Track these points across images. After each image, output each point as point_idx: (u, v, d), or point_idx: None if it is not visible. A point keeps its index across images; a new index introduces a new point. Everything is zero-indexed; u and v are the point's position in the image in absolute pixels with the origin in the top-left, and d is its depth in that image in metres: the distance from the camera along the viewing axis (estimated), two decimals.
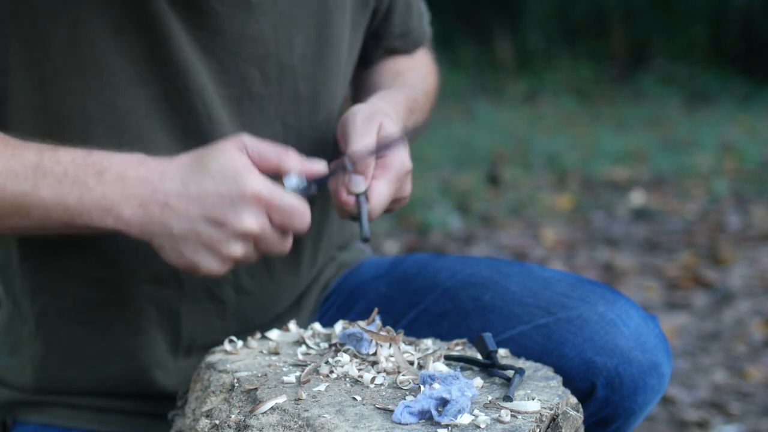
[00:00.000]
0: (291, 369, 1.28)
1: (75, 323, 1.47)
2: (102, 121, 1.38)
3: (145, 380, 1.49)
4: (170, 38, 1.37)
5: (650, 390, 1.44)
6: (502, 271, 1.55)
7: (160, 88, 1.39)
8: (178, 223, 1.26)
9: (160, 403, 1.49)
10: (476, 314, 1.51)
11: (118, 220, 1.27)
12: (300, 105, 1.51)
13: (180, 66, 1.39)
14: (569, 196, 5.48)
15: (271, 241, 1.29)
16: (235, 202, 1.25)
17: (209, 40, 1.41)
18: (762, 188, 5.64)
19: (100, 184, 1.27)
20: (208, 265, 1.27)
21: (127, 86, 1.37)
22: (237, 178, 1.25)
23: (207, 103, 1.42)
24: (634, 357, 1.42)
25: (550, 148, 6.62)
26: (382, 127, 1.40)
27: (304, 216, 1.29)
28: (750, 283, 4.10)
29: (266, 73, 1.46)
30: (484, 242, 4.67)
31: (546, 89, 9.08)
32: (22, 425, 1.52)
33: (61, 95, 1.36)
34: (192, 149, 1.33)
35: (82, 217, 1.28)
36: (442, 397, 1.14)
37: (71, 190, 1.27)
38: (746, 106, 8.22)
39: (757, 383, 3.14)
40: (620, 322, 1.44)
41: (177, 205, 1.26)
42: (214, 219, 1.25)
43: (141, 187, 1.27)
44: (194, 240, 1.26)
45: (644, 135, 7.12)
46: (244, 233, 1.26)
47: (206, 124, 1.42)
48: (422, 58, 1.79)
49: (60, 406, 1.51)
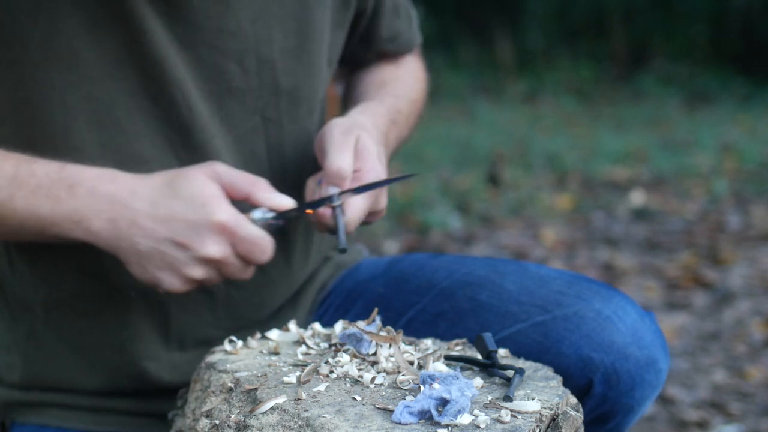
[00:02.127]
0: (291, 369, 1.28)
1: (73, 313, 1.48)
2: (83, 114, 1.39)
3: (137, 372, 1.49)
4: (147, 32, 1.38)
5: (647, 386, 1.45)
6: (498, 270, 1.55)
7: (139, 81, 1.40)
8: (143, 240, 1.31)
9: (158, 400, 1.49)
10: (473, 313, 1.51)
11: (86, 233, 1.32)
12: (280, 99, 1.52)
13: (157, 59, 1.40)
14: (569, 196, 5.49)
15: (232, 267, 1.35)
16: (201, 229, 1.31)
17: (187, 34, 1.42)
18: (762, 188, 5.64)
19: (72, 197, 1.31)
20: (170, 284, 1.33)
21: (106, 80, 1.39)
22: (206, 205, 1.31)
23: (186, 95, 1.43)
24: (630, 353, 1.43)
25: (550, 148, 6.63)
26: (359, 140, 1.43)
27: (266, 249, 1.35)
28: (750, 283, 4.11)
29: (245, 67, 1.47)
30: (484, 242, 4.68)
31: (546, 89, 9.09)
32: (20, 426, 1.52)
33: (42, 91, 1.38)
34: (174, 140, 1.39)
35: (54, 228, 1.33)
36: (442, 397, 1.14)
37: (44, 202, 1.31)
38: (746, 106, 8.23)
39: (757, 383, 3.14)
40: (616, 318, 1.44)
41: (144, 224, 1.31)
42: (178, 242, 1.31)
43: (110, 203, 1.32)
44: (158, 258, 1.32)
45: (644, 135, 7.13)
46: (206, 258, 1.32)
47: (187, 116, 1.43)
48: (410, 65, 1.80)
49: (57, 407, 1.51)
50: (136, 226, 1.31)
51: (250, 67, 1.48)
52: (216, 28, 1.43)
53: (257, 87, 1.49)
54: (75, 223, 1.32)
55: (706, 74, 9.46)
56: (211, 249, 1.31)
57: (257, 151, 1.51)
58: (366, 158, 1.42)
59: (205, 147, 1.45)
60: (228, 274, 1.36)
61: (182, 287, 1.34)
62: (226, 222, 1.31)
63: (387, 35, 1.73)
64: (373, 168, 1.42)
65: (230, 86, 1.47)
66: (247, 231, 1.33)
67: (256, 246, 1.34)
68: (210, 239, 1.31)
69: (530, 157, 6.45)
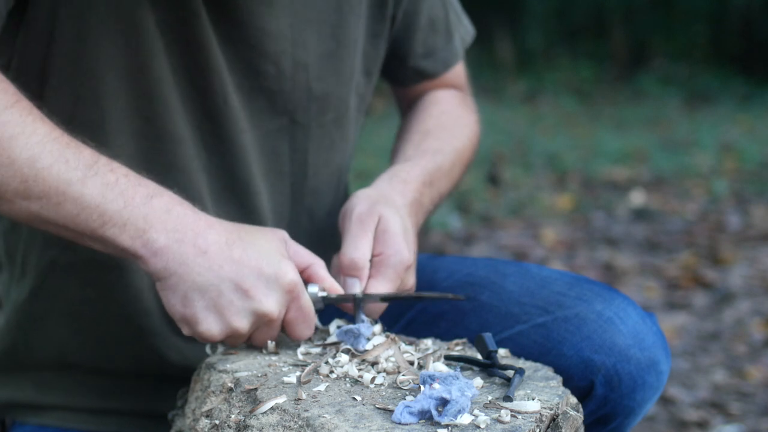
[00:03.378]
0: (291, 369, 1.28)
1: (81, 280, 1.46)
2: (131, 83, 1.40)
3: (141, 350, 1.48)
4: (197, 16, 1.40)
5: (649, 388, 1.45)
6: (499, 271, 1.55)
7: (184, 62, 1.41)
8: (206, 273, 1.27)
9: (158, 400, 1.49)
10: (474, 314, 1.51)
11: (145, 245, 1.26)
12: (311, 104, 1.53)
13: (201, 44, 1.41)
14: (569, 196, 5.48)
15: (271, 331, 1.32)
16: (270, 283, 1.28)
17: (229, 28, 1.43)
18: (762, 188, 5.64)
19: (146, 206, 1.27)
20: (208, 327, 1.28)
21: (159, 53, 1.40)
22: (281, 263, 1.29)
23: (222, 86, 1.44)
24: (632, 355, 1.42)
25: (550, 148, 6.62)
26: (381, 220, 1.41)
27: (312, 325, 1.34)
28: (750, 283, 4.10)
29: (281, 68, 1.49)
30: (484, 242, 4.67)
31: (546, 89, 9.08)
32: (20, 426, 1.52)
33: (98, 50, 1.38)
34: (204, 126, 1.41)
35: (112, 229, 1.26)
36: (442, 397, 1.14)
37: (116, 198, 1.26)
38: (746, 106, 8.22)
39: (757, 383, 3.14)
40: (618, 320, 1.44)
41: (214, 257, 1.27)
42: (243, 287, 1.27)
43: (185, 226, 1.28)
44: (212, 297, 1.27)
45: (644, 135, 7.13)
46: (260, 313, 1.28)
47: (221, 106, 1.45)
48: (457, 108, 1.74)
49: (58, 409, 1.51)
50: (204, 256, 1.27)
51: (286, 70, 1.49)
52: (257, 27, 1.45)
53: (290, 89, 1.50)
54: (139, 230, 1.26)
55: (706, 74, 9.45)
56: (271, 305, 1.28)
57: (281, 152, 1.52)
58: (388, 241, 1.41)
59: (233, 139, 1.46)
60: (260, 335, 1.32)
61: (217, 334, 1.28)
62: (296, 284, 1.30)
63: (422, 51, 1.70)
64: (397, 251, 1.40)
65: (263, 85, 1.48)
66: (306, 301, 1.32)
67: (308, 317, 1.33)
68: (274, 295, 1.28)
69: (530, 157, 6.44)
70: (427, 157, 1.59)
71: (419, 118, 1.68)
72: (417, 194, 1.51)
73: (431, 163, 1.58)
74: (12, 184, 1.24)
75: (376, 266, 1.40)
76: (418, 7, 1.66)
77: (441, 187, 1.60)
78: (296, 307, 1.31)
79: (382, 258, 1.40)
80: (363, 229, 1.40)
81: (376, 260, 1.40)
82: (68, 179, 1.25)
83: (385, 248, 1.40)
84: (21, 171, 1.23)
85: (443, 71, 1.74)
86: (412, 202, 1.49)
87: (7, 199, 1.25)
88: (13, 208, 1.26)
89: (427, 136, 1.63)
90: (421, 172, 1.55)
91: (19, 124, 1.24)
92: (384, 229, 1.41)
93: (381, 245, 1.41)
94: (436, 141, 1.63)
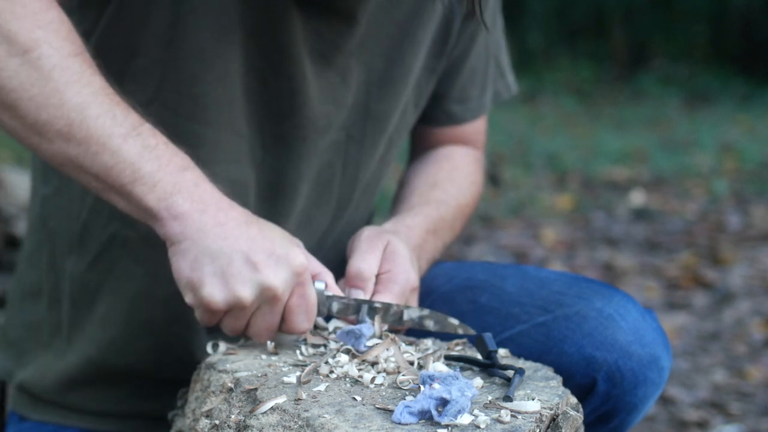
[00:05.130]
0: (291, 369, 1.28)
1: (133, 256, 1.48)
2: (211, 64, 1.42)
3: (169, 335, 1.50)
4: (284, 20, 1.43)
5: (650, 384, 1.45)
6: (498, 274, 1.57)
7: (258, 59, 1.44)
8: (221, 242, 1.28)
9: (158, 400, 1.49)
10: (474, 316, 1.51)
11: (169, 208, 1.29)
12: (367, 122, 1.55)
13: (287, 50, 1.44)
14: (569, 196, 5.49)
15: (270, 315, 1.31)
16: (280, 261, 1.29)
17: (316, 36, 1.46)
18: (762, 188, 5.64)
19: (178, 174, 1.30)
20: (211, 292, 1.28)
21: (240, 57, 1.43)
22: (294, 249, 1.31)
23: (305, 94, 1.47)
24: (633, 351, 1.43)
25: (550, 148, 6.63)
26: (390, 244, 1.44)
27: (312, 317, 1.34)
28: (750, 283, 4.11)
29: (348, 83, 1.51)
30: (484, 242, 4.67)
31: (546, 89, 9.09)
32: (19, 423, 1.52)
33: (188, 39, 1.41)
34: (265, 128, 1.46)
35: (141, 187, 1.29)
36: (442, 397, 1.14)
37: (152, 160, 1.29)
38: (746, 106, 8.23)
39: (757, 383, 3.14)
40: (618, 316, 1.44)
41: (231, 230, 1.29)
42: (252, 260, 1.28)
43: (210, 200, 1.30)
44: (221, 263, 1.28)
45: (644, 135, 7.13)
46: (267, 286, 1.29)
47: (287, 111, 1.47)
48: (469, 165, 1.76)
49: (58, 406, 1.51)
50: (222, 228, 1.29)
51: (351, 84, 1.51)
52: (334, 42, 1.48)
53: (351, 104, 1.53)
54: (167, 193, 1.29)
55: (706, 74, 9.46)
56: (278, 281, 1.29)
57: (334, 165, 1.55)
58: (396, 260, 1.43)
59: (292, 146, 1.49)
60: (260, 317, 1.32)
61: (220, 301, 1.28)
62: (305, 269, 1.31)
63: (457, 96, 1.71)
64: (405, 270, 1.43)
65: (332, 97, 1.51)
66: (311, 290, 1.33)
67: (309, 308, 1.33)
68: (282, 273, 1.29)
69: (530, 157, 6.45)
70: (432, 206, 1.62)
71: (429, 171, 1.71)
72: (420, 240, 1.55)
73: (435, 212, 1.61)
74: (56, 125, 1.26)
75: (383, 282, 1.42)
76: (466, 54, 1.68)
77: (444, 237, 1.63)
78: (300, 294, 1.32)
79: (389, 275, 1.42)
80: (371, 247, 1.43)
81: (383, 276, 1.42)
82: (111, 132, 1.27)
83: (393, 266, 1.43)
84: (68, 114, 1.25)
85: (471, 120, 1.76)
86: (415, 247, 1.52)
87: (48, 139, 1.27)
88: (50, 149, 1.28)
89: (434, 188, 1.66)
90: (424, 220, 1.58)
91: (78, 72, 1.26)
92: (392, 250, 1.44)
93: (389, 263, 1.43)
94: (442, 193, 1.66)
